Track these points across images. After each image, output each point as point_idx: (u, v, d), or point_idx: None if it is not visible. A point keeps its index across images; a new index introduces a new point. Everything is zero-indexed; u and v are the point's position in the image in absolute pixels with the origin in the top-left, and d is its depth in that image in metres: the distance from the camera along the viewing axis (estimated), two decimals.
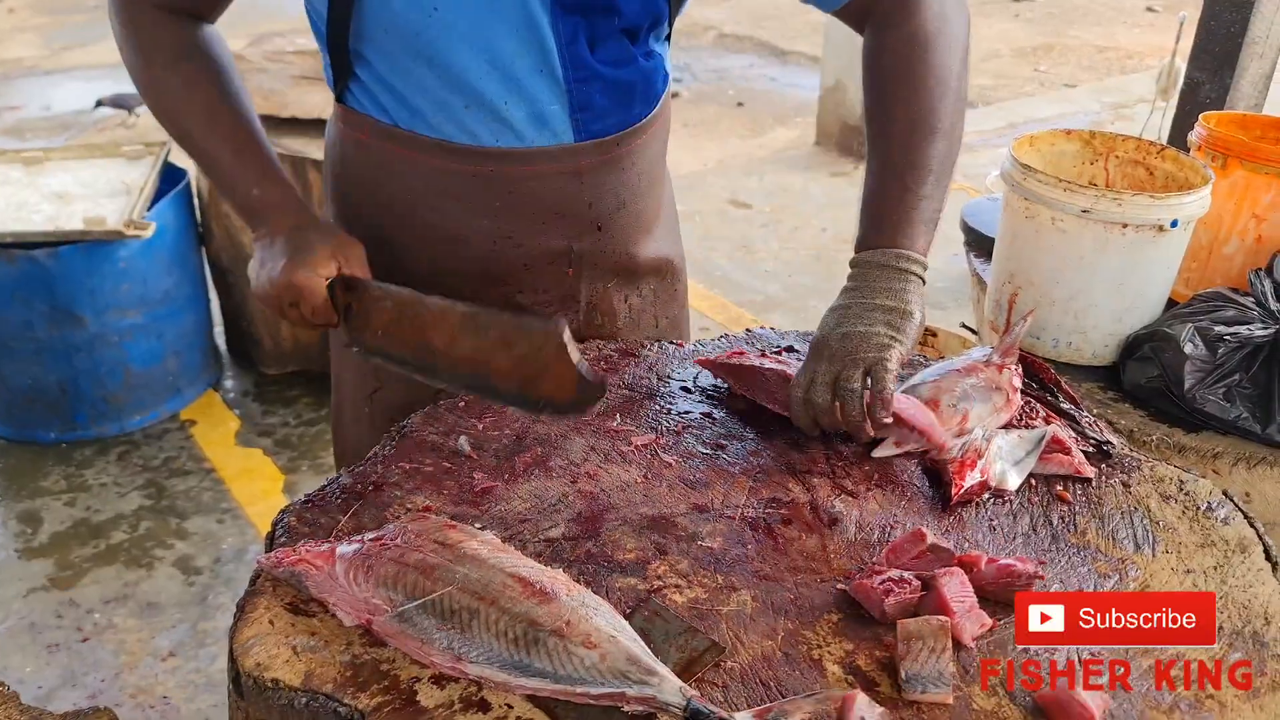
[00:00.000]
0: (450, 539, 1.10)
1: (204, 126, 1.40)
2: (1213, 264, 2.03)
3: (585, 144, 1.45)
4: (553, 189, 1.47)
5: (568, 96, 1.40)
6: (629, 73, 1.44)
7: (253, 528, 3.09)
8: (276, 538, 1.19)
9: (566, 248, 1.53)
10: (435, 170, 1.45)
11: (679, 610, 1.09)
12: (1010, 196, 1.95)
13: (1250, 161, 1.92)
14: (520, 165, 1.44)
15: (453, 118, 1.41)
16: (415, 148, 1.44)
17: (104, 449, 3.42)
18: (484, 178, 1.45)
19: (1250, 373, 1.75)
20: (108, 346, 3.34)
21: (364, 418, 1.66)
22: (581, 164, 1.46)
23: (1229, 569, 1.18)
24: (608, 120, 1.45)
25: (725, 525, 1.22)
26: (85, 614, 2.75)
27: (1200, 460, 1.76)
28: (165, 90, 1.41)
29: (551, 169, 1.45)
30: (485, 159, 1.43)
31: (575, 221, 1.51)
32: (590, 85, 1.41)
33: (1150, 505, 1.28)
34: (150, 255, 3.32)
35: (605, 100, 1.43)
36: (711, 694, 1.00)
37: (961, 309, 4.51)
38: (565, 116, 1.42)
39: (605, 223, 1.54)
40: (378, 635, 1.05)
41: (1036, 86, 8.09)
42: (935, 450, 1.31)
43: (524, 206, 1.47)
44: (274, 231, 1.38)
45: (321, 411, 3.63)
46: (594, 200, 1.51)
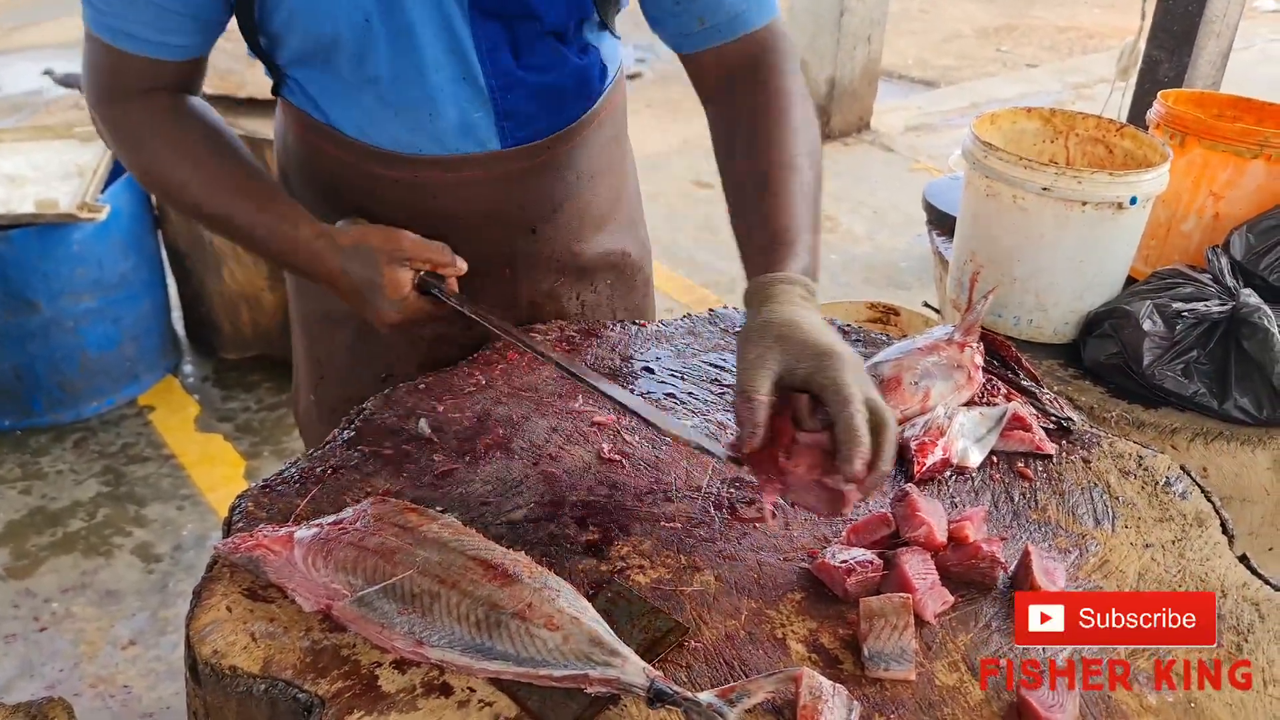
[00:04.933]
0: (410, 522, 1.09)
1: (208, 195, 1.33)
2: (1171, 241, 2.05)
3: (512, 150, 1.40)
4: (480, 195, 1.43)
5: (492, 105, 1.36)
6: (558, 76, 1.39)
7: (213, 514, 3.05)
8: (234, 523, 1.18)
9: (499, 251, 1.49)
10: (363, 173, 1.42)
11: (642, 591, 1.09)
12: (972, 175, 1.95)
13: (1208, 139, 1.94)
14: (445, 172, 1.40)
15: (377, 124, 1.37)
16: (343, 149, 1.41)
17: (60, 436, 3.36)
18: (409, 184, 1.41)
19: (1207, 349, 1.77)
20: (63, 332, 3.28)
21: (311, 406, 1.65)
22: (509, 170, 1.42)
23: (1187, 543, 1.19)
24: (536, 125, 1.41)
25: (688, 505, 1.21)
26: (43, 603, 2.71)
27: (1159, 436, 1.78)
28: (164, 170, 1.34)
29: (477, 175, 1.41)
30: (410, 165, 1.39)
31: (506, 226, 1.48)
32: (515, 92, 1.36)
33: (1110, 481, 1.29)
34: (105, 239, 3.26)
35: (532, 106, 1.39)
36: (675, 674, 0.99)
37: (926, 289, 4.53)
38: (491, 124, 1.37)
39: (540, 225, 1.50)
40: (338, 620, 1.03)
41: (999, 67, 8.13)
42: None
43: (450, 213, 1.43)
44: (331, 280, 1.33)
45: (282, 396, 3.59)
46: (525, 204, 1.47)
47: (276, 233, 1.33)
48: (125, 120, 1.32)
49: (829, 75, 6.02)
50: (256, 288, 3.59)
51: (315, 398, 1.66)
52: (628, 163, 1.66)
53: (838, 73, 6.00)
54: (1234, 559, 1.17)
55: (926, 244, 4.92)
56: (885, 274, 4.65)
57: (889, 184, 5.60)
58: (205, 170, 1.33)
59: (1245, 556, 1.17)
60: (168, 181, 1.35)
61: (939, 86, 7.58)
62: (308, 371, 1.67)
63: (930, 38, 8.87)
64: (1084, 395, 1.84)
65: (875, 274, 4.64)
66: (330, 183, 1.47)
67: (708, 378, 1.47)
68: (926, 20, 9.42)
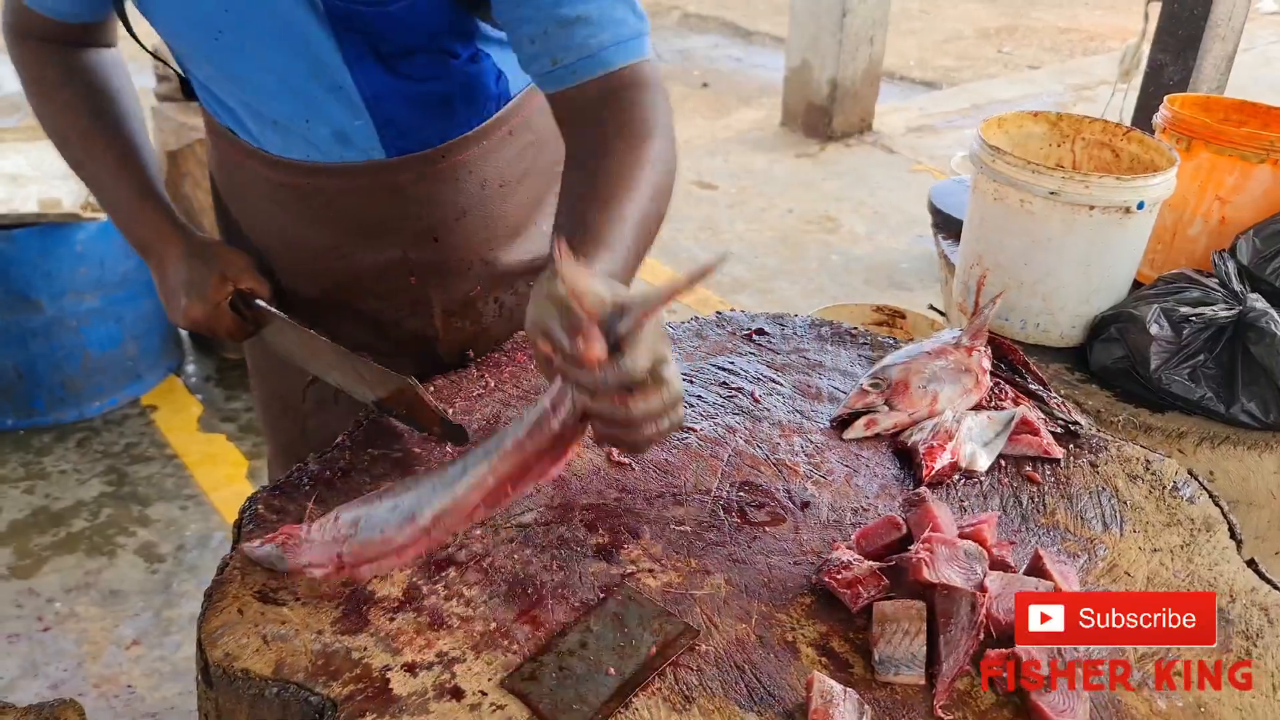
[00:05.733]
0: None
1: (80, 154, 1.39)
2: (1177, 245, 2.05)
3: (400, 159, 1.36)
4: (372, 204, 1.40)
5: (369, 114, 1.31)
6: (441, 84, 1.33)
7: (216, 514, 3.05)
8: (244, 526, 1.18)
9: (401, 257, 1.44)
10: (263, 177, 1.41)
11: (652, 594, 1.09)
12: (979, 179, 1.95)
13: (1215, 144, 1.94)
14: (334, 179, 1.37)
15: (264, 133, 1.36)
16: (241, 152, 1.41)
17: (63, 435, 3.36)
18: (300, 190, 1.39)
19: (1214, 353, 1.77)
20: (65, 331, 3.29)
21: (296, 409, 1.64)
22: (400, 179, 1.38)
23: (1195, 548, 1.19)
24: (422, 135, 1.36)
25: (698, 509, 1.21)
26: (46, 603, 2.71)
27: (1166, 440, 1.78)
28: (46, 117, 1.40)
29: (366, 184, 1.38)
30: (298, 172, 1.38)
31: (404, 233, 1.43)
32: (390, 101, 1.31)
33: (1118, 485, 1.29)
34: (108, 238, 3.26)
35: (415, 115, 1.34)
36: (687, 678, 1.00)
37: (927, 290, 4.54)
38: (371, 133, 1.33)
39: (442, 233, 1.44)
40: (351, 567, 1.05)
41: (1000, 68, 8.14)
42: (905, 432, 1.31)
43: (344, 219, 1.41)
44: (162, 263, 1.39)
45: None
46: (423, 213, 1.42)
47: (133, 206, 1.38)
48: (23, 61, 1.40)
49: (831, 76, 6.03)
50: None
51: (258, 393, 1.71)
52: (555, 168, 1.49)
53: (840, 74, 6.00)
54: (1242, 563, 1.17)
55: (927, 245, 4.94)
56: (886, 275, 4.65)
57: (890, 185, 5.61)
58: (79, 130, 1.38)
59: (1253, 561, 1.17)
60: (51, 130, 1.41)
61: (940, 87, 7.58)
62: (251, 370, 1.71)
63: (931, 38, 8.88)
64: (1091, 399, 1.85)
65: (876, 275, 4.64)
66: (239, 188, 1.48)
67: (716, 380, 1.47)
68: (927, 20, 9.43)
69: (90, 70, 1.39)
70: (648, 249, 1.16)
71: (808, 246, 4.83)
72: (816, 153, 6.05)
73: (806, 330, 1.61)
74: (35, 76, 1.39)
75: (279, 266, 1.47)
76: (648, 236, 1.16)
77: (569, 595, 1.09)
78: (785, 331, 1.61)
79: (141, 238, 1.40)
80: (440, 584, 1.10)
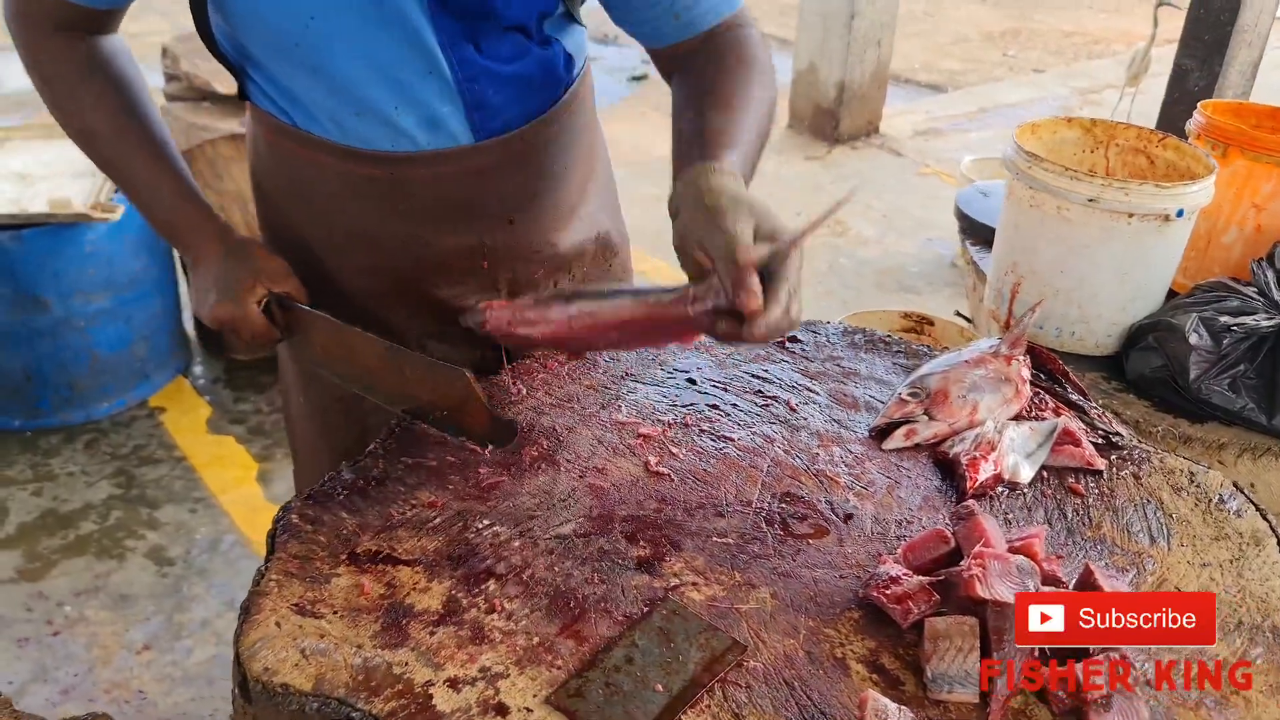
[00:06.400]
0: None
1: (114, 146, 1.36)
2: (1211, 253, 2.03)
3: (485, 144, 1.39)
4: (456, 190, 1.41)
5: (460, 98, 1.34)
6: (524, 65, 1.37)
7: (226, 517, 3.03)
8: (279, 536, 1.16)
9: (478, 243, 1.47)
10: (337, 172, 1.40)
11: (697, 608, 1.07)
12: (1014, 185, 1.93)
13: (1251, 150, 1.92)
14: (419, 168, 1.38)
15: (344, 124, 1.35)
16: (314, 149, 1.39)
17: (70, 437, 3.34)
18: (384, 181, 1.39)
19: (1255, 363, 1.75)
20: (73, 332, 3.26)
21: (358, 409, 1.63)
22: (484, 163, 1.40)
23: (1245, 562, 1.17)
24: (505, 116, 1.39)
25: (739, 520, 1.19)
26: (55, 606, 2.68)
27: (1206, 451, 1.76)
28: (72, 112, 1.36)
29: (451, 170, 1.39)
30: (382, 163, 1.38)
31: (484, 218, 1.46)
32: (481, 83, 1.34)
33: (1163, 497, 1.27)
34: (117, 238, 3.24)
35: (501, 96, 1.37)
36: (736, 695, 0.98)
37: (937, 294, 4.53)
38: (461, 118, 1.35)
39: (518, 216, 1.48)
40: (515, 328, 1.21)
41: (1005, 71, 8.13)
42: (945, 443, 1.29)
43: (428, 208, 1.42)
44: (198, 260, 1.38)
45: None
46: (503, 196, 1.46)
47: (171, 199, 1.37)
48: (38, 53, 1.34)
49: (839, 79, 6.01)
50: None
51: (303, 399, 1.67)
52: (598, 150, 1.63)
53: (847, 76, 5.99)
54: None
55: (937, 248, 4.92)
56: (896, 278, 4.63)
57: (898, 188, 5.59)
58: (108, 124, 1.35)
59: None
60: (74, 123, 1.37)
61: (946, 90, 7.57)
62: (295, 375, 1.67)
63: (935, 41, 8.87)
64: (1129, 409, 1.83)
65: (886, 278, 4.63)
66: (303, 188, 1.45)
67: (750, 389, 1.45)
68: (931, 23, 9.42)
69: (110, 62, 1.36)
70: (761, 154, 1.26)
71: (817, 249, 4.80)
72: (824, 155, 6.03)
73: (839, 337, 1.59)
74: (55, 71, 1.35)
75: (351, 262, 1.47)
76: (762, 143, 1.26)
77: (612, 609, 1.07)
78: (818, 339, 1.59)
79: (180, 234, 1.39)
80: (480, 597, 1.08)
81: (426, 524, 1.18)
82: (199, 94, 3.57)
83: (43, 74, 1.36)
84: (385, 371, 1.32)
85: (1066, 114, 6.99)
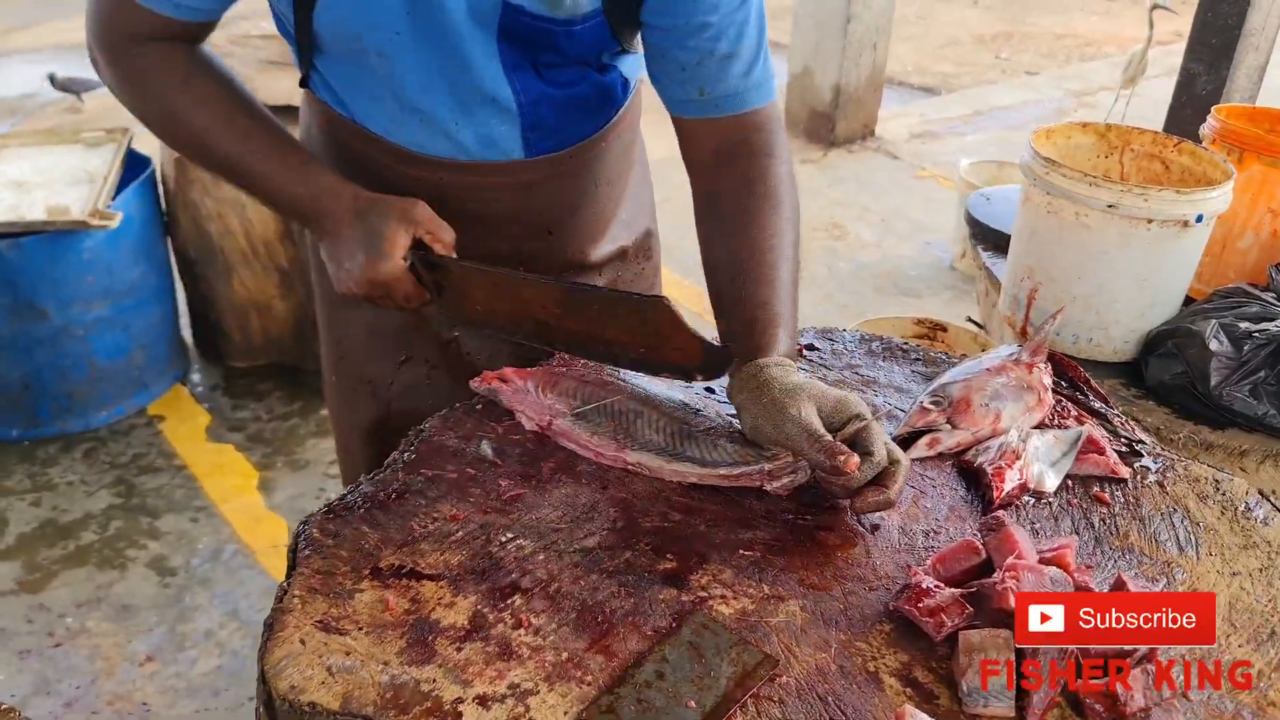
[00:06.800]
0: None
1: (227, 140, 1.33)
2: (1226, 259, 2.02)
3: (536, 160, 1.42)
4: (501, 200, 1.45)
5: (519, 119, 1.37)
6: (582, 90, 1.41)
7: (228, 526, 3.00)
8: (300, 551, 1.14)
9: (514, 252, 1.50)
10: (387, 170, 1.42)
11: (726, 622, 1.06)
12: (1031, 191, 1.92)
13: (1267, 155, 1.92)
14: (467, 176, 1.41)
15: (403, 128, 1.38)
16: (367, 144, 1.42)
17: (69, 446, 3.31)
18: (431, 184, 1.41)
19: (1276, 369, 1.74)
20: (72, 340, 3.23)
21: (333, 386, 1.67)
22: (531, 178, 1.44)
23: (1275, 571, 1.16)
24: (560, 136, 1.42)
25: (766, 533, 1.18)
26: (57, 618, 2.66)
27: (1227, 458, 1.75)
28: (178, 114, 1.34)
29: (500, 182, 1.43)
30: (433, 167, 1.41)
31: (524, 227, 1.49)
32: (541, 106, 1.38)
33: (1189, 506, 1.26)
34: (116, 246, 3.21)
35: (557, 117, 1.40)
36: (770, 711, 0.96)
37: (936, 297, 4.52)
38: (516, 135, 1.39)
39: (556, 228, 1.52)
40: (554, 435, 1.29)
41: (998, 73, 8.14)
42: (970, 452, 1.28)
43: (470, 213, 1.43)
44: (336, 227, 1.34)
45: (294, 405, 3.54)
46: (545, 209, 1.48)
47: (295, 175, 1.34)
48: (138, 67, 1.32)
49: (834, 82, 6.01)
50: (268, 295, 3.55)
51: (335, 378, 1.67)
52: (636, 163, 1.67)
53: (843, 79, 5.99)
54: None
55: (936, 252, 4.92)
56: (894, 281, 4.63)
57: (895, 191, 5.59)
58: (222, 117, 1.33)
59: None
60: (185, 128, 1.35)
61: (939, 93, 7.58)
62: (328, 351, 1.68)
63: (928, 44, 8.87)
64: (1149, 416, 1.82)
65: (885, 281, 4.62)
66: (352, 175, 1.45)
67: None
68: (924, 26, 9.43)
69: (210, 63, 1.36)
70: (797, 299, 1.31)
71: (816, 254, 4.80)
72: (820, 159, 6.02)
73: (856, 345, 1.58)
74: (158, 82, 1.32)
75: None
76: (797, 287, 1.32)
77: (640, 623, 1.06)
78: (835, 347, 1.58)
79: (310, 206, 1.35)
80: (506, 611, 1.07)
81: (449, 537, 1.16)
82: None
83: (146, 90, 1.34)
84: (565, 315, 1.29)
85: (1061, 116, 7.01)
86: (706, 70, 1.31)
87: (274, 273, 3.52)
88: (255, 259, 3.49)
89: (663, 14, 1.29)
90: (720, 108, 1.34)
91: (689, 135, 1.39)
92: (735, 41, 1.30)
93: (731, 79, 1.32)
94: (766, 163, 1.34)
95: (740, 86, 1.33)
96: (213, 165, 1.38)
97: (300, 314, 3.59)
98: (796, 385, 1.18)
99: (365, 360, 1.59)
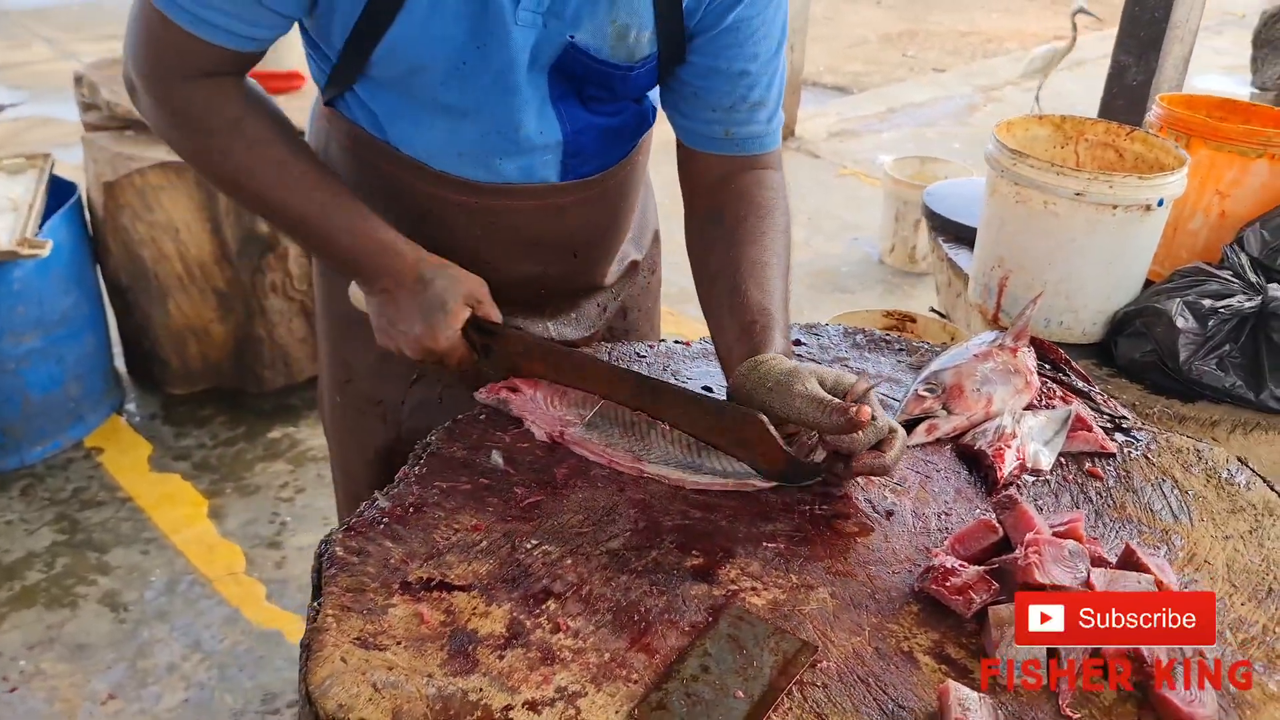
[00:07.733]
0: None
1: (281, 187, 1.31)
2: (1179, 240, 2.12)
3: (569, 184, 1.44)
4: (532, 222, 1.46)
5: (562, 147, 1.39)
6: (621, 119, 1.44)
7: (181, 557, 2.93)
8: (325, 570, 1.13)
9: (541, 273, 1.52)
10: (418, 192, 1.42)
11: (760, 613, 1.08)
12: (997, 182, 1.99)
13: (1213, 140, 2.01)
14: (504, 199, 1.42)
15: (438, 151, 1.38)
16: (397, 165, 1.40)
17: (4, 484, 3.19)
18: (465, 208, 1.42)
19: (1239, 343, 1.84)
20: (3, 374, 3.12)
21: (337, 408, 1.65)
22: (565, 201, 1.45)
23: (1264, 532, 1.23)
24: (597, 162, 1.45)
25: (785, 524, 1.21)
26: (9, 662, 2.56)
27: (1199, 429, 1.84)
28: (228, 156, 1.30)
29: (535, 205, 1.44)
30: (468, 191, 1.41)
31: (552, 250, 1.51)
32: (584, 135, 1.40)
33: (1176, 475, 1.32)
34: (46, 275, 3.11)
35: (596, 145, 1.43)
36: (815, 696, 0.99)
37: (869, 292, 4.62)
38: (556, 163, 1.41)
39: (581, 249, 1.54)
40: (566, 444, 1.30)
41: (906, 71, 8.34)
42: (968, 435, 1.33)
43: (503, 236, 1.45)
44: (395, 287, 1.34)
45: (239, 430, 3.47)
46: (575, 231, 1.51)
47: (353, 228, 1.32)
48: (189, 103, 1.27)
49: None
50: (205, 319, 3.47)
51: (341, 399, 1.64)
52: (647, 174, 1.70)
53: None
54: None
55: (864, 248, 5.02)
56: (828, 279, 4.71)
57: (819, 190, 5.69)
58: (275, 162, 1.30)
59: None
60: (233, 169, 1.31)
61: (853, 92, 7.73)
62: (333, 373, 1.65)
63: (837, 44, 9.05)
64: (1124, 393, 1.90)
65: (819, 279, 4.70)
66: (372, 197, 1.43)
67: None
68: (832, 27, 9.61)
69: (262, 101, 1.32)
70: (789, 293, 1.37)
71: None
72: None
73: (841, 338, 1.62)
74: (209, 117, 1.27)
75: None
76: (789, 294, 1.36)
77: (677, 619, 1.07)
78: (821, 341, 1.61)
79: (370, 262, 1.34)
80: (543, 617, 1.07)
81: (474, 547, 1.16)
82: (121, 123, 3.45)
83: (193, 124, 1.29)
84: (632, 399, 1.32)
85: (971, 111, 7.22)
86: (737, 115, 1.37)
87: (211, 296, 3.45)
88: (191, 283, 3.41)
89: (707, 56, 1.33)
90: (742, 148, 1.40)
91: (699, 163, 1.43)
92: (766, 90, 1.36)
93: (757, 124, 1.38)
94: (768, 183, 1.41)
95: (763, 130, 1.39)
96: (261, 209, 1.36)
97: (240, 336, 3.52)
98: (796, 367, 1.22)
99: (376, 382, 1.57)
